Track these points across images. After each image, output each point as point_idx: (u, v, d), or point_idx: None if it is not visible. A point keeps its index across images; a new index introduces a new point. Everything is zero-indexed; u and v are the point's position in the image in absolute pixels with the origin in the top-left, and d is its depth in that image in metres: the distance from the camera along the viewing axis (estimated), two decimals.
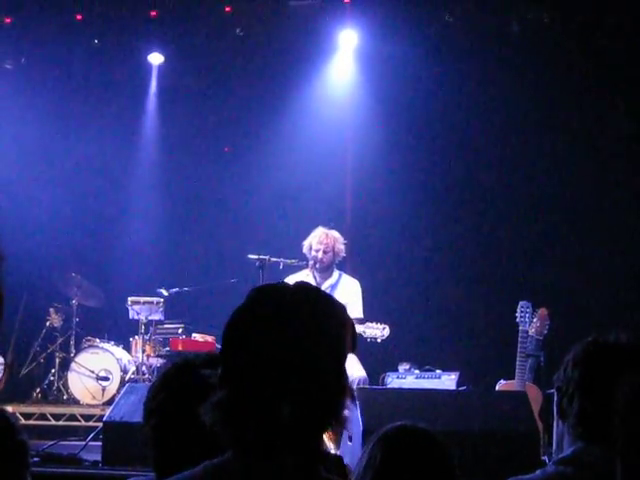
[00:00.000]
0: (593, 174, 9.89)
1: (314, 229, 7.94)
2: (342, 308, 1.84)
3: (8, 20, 10.70)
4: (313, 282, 7.22)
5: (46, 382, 10.02)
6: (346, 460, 3.11)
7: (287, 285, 1.84)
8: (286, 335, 1.72)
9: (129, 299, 9.85)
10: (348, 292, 7.82)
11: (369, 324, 7.36)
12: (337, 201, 10.15)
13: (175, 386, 2.38)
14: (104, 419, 6.14)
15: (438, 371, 8.22)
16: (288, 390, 1.70)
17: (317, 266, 7.86)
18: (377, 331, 7.26)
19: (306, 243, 7.92)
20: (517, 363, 7.55)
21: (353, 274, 8.07)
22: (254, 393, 1.71)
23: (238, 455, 1.74)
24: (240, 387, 1.73)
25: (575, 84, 9.94)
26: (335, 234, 7.92)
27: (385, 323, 7.34)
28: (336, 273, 7.99)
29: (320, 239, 7.85)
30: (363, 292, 7.93)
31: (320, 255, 7.81)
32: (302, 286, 1.85)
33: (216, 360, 2.49)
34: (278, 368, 1.71)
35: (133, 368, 9.79)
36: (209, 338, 9.39)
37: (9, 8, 10.64)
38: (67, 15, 10.62)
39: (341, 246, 7.92)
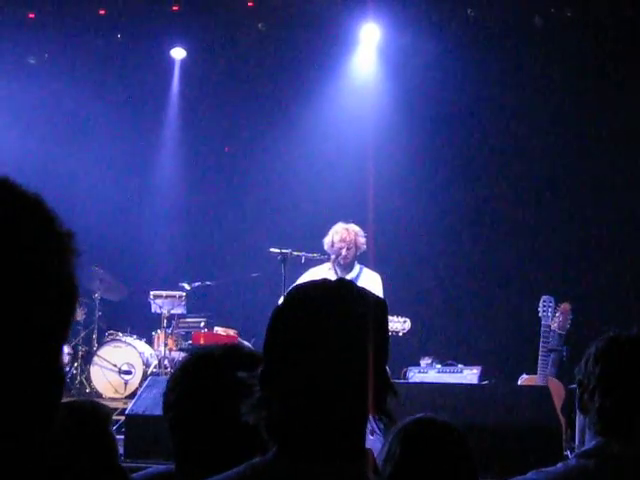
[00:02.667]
0: (619, 168, 9.81)
1: (336, 222, 7.85)
2: (383, 304, 1.81)
3: (31, 15, 10.76)
4: (334, 276, 7.18)
5: (69, 376, 10.04)
6: None
7: (327, 282, 1.81)
8: (329, 334, 1.69)
9: (151, 293, 9.87)
10: (369, 286, 7.66)
11: (390, 318, 7.31)
12: (359, 194, 10.10)
13: (194, 378, 2.37)
14: (126, 412, 6.19)
15: (460, 365, 8.18)
16: (334, 390, 1.67)
17: (341, 262, 7.78)
18: (398, 324, 7.21)
19: (327, 240, 7.75)
20: (539, 358, 7.53)
21: (374, 268, 8.01)
22: (299, 394, 1.68)
23: (283, 456, 1.69)
24: (285, 388, 1.70)
25: (598, 78, 9.88)
26: (355, 228, 7.80)
27: (406, 317, 7.29)
28: (357, 267, 7.87)
29: (342, 236, 7.69)
30: (384, 286, 7.88)
31: (344, 252, 7.68)
32: (342, 283, 1.80)
33: (236, 352, 2.49)
34: (323, 367, 1.67)
35: (155, 362, 9.80)
36: (231, 332, 9.41)
37: (32, 3, 10.72)
38: (90, 10, 10.66)
39: (362, 239, 7.80)
